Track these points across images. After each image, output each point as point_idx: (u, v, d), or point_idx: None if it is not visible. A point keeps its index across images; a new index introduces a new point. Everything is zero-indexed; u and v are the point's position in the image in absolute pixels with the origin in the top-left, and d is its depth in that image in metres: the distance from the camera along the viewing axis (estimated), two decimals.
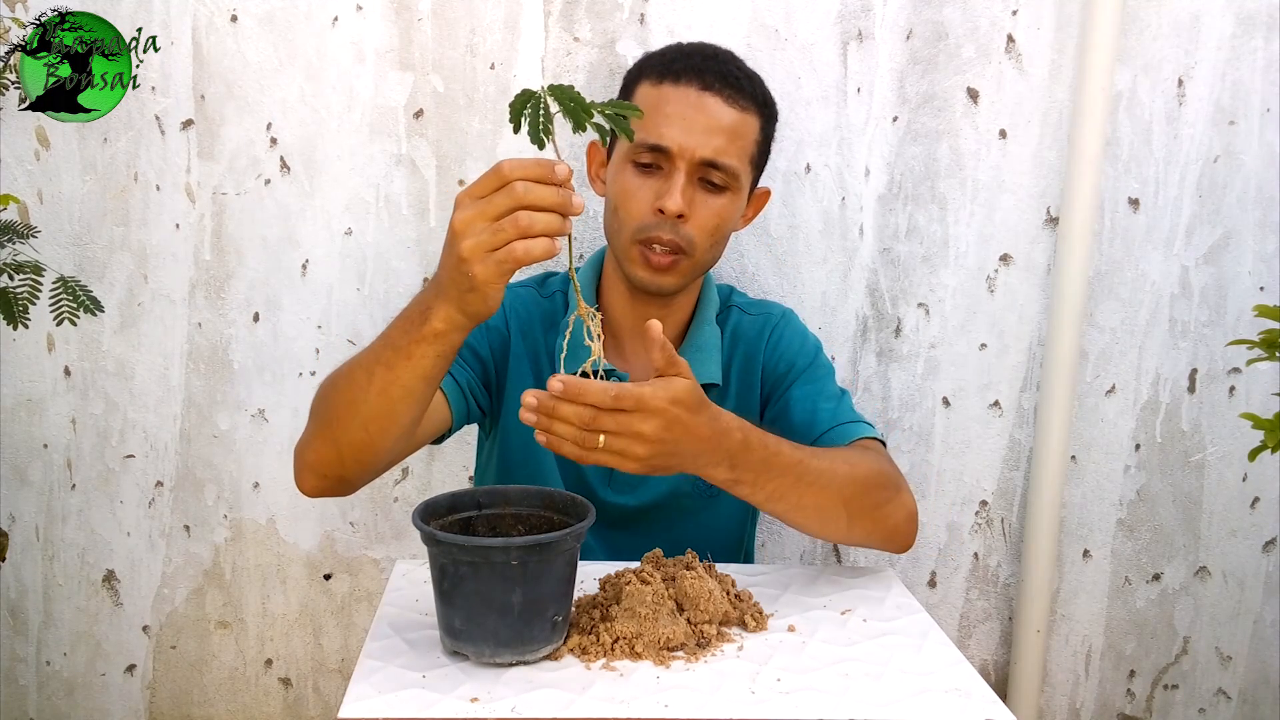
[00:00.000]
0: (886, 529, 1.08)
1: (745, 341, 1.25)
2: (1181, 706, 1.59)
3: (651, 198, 1.11)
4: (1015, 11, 1.40)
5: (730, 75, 1.13)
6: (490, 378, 1.20)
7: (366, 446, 0.97)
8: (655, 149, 1.11)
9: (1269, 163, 1.44)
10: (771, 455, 0.96)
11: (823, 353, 1.26)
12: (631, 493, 1.21)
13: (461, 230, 0.81)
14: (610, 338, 1.23)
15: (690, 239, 1.12)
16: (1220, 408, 1.50)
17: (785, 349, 1.24)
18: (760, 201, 1.25)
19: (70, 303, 1.07)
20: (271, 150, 1.40)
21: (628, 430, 0.85)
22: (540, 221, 0.79)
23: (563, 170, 0.80)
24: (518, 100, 0.80)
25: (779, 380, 1.22)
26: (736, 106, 1.12)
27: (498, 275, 0.82)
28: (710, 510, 1.22)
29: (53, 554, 1.47)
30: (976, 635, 1.56)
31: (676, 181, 1.10)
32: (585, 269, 1.26)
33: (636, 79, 1.17)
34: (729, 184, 1.13)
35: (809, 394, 1.18)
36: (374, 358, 0.93)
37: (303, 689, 1.54)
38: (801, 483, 0.98)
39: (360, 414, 0.95)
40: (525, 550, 0.82)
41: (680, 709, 0.80)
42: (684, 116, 1.10)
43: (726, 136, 1.11)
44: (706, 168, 1.11)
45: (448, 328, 0.88)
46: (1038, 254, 1.46)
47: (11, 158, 1.37)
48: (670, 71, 1.13)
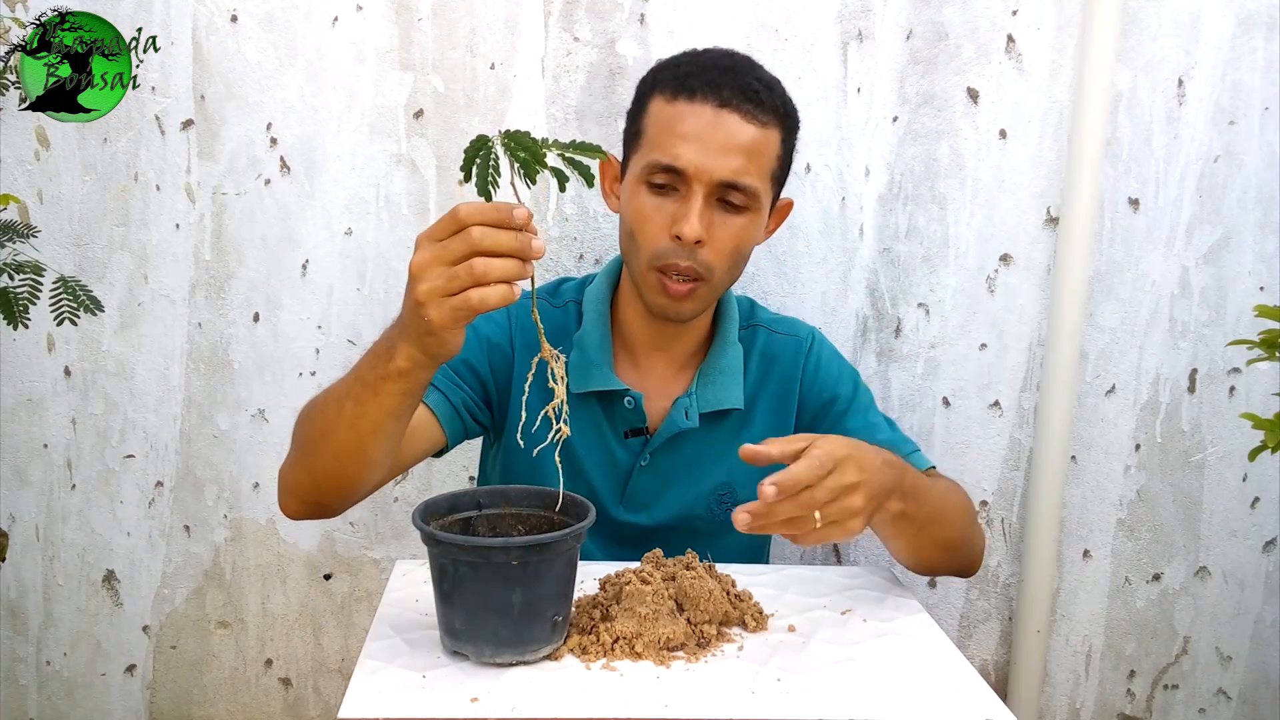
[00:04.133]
0: (973, 557, 1.14)
1: (780, 365, 1.22)
2: (1181, 706, 1.59)
3: (667, 222, 1.07)
4: (1015, 11, 1.40)
5: (749, 89, 1.06)
6: (490, 395, 1.18)
7: (340, 475, 0.97)
8: (670, 170, 1.06)
9: (1269, 163, 1.44)
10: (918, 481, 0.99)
11: (860, 377, 1.25)
12: (644, 512, 1.20)
13: (417, 274, 0.80)
14: (625, 353, 1.21)
15: (708, 265, 1.08)
16: (1220, 408, 1.50)
17: (825, 376, 1.22)
18: (782, 214, 1.20)
19: (70, 303, 1.07)
20: (271, 150, 1.40)
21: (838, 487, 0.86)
22: (496, 268, 0.77)
23: (521, 214, 0.78)
24: (470, 147, 0.78)
25: (822, 410, 1.20)
26: (756, 123, 1.06)
27: (453, 321, 0.80)
28: (722, 535, 1.17)
29: (53, 554, 1.47)
30: (976, 635, 1.56)
31: (693, 206, 1.05)
32: (600, 281, 1.22)
33: (649, 92, 1.11)
34: (749, 204, 1.08)
35: (864, 426, 1.17)
36: (345, 391, 0.93)
37: (303, 689, 1.54)
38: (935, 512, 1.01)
39: (332, 446, 0.95)
40: (525, 550, 0.82)
41: (680, 709, 0.80)
42: (700, 136, 1.05)
43: (746, 156, 1.06)
44: (725, 189, 1.06)
45: (411, 366, 0.87)
46: (1038, 254, 1.46)
47: (11, 158, 1.37)
48: (685, 87, 1.07)
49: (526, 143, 0.77)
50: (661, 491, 1.19)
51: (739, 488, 1.19)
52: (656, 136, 1.08)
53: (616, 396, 1.17)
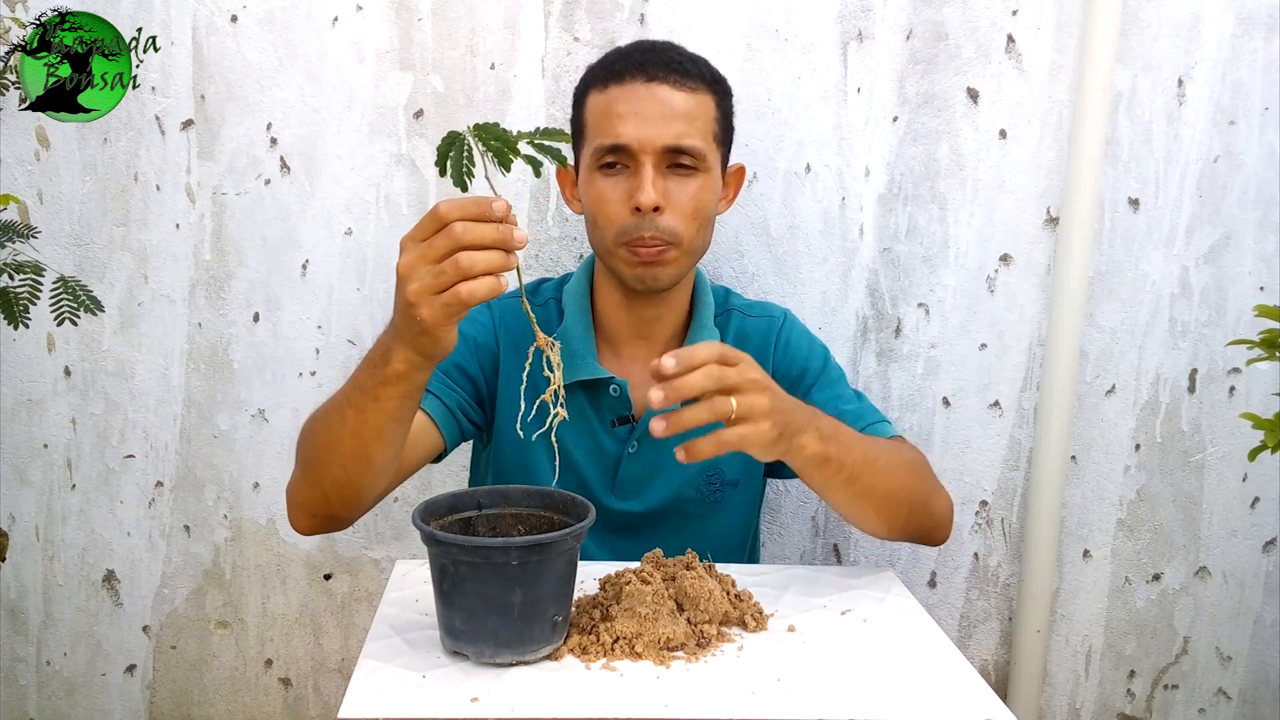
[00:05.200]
0: (934, 521, 1.11)
1: (752, 346, 1.24)
2: (1181, 706, 1.59)
3: (624, 197, 1.11)
4: (1015, 11, 1.40)
5: (673, 61, 1.12)
6: (482, 394, 1.20)
7: (348, 485, 0.98)
8: (615, 149, 1.10)
9: (1269, 163, 1.44)
10: (839, 426, 0.98)
11: (831, 354, 1.27)
12: (637, 499, 1.21)
13: (405, 275, 0.82)
14: (607, 344, 1.23)
15: (673, 230, 1.12)
16: (1220, 408, 1.50)
17: (795, 352, 1.24)
18: (736, 180, 1.25)
19: (70, 303, 1.06)
20: (271, 150, 1.40)
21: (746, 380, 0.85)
22: (481, 261, 0.79)
23: (500, 206, 0.80)
24: (443, 143, 0.80)
25: (792, 384, 1.21)
26: (686, 89, 1.11)
27: (444, 318, 0.82)
28: (714, 515, 1.22)
29: (53, 554, 1.47)
30: (976, 635, 1.56)
31: (645, 175, 1.09)
32: (577, 277, 1.25)
33: (584, 92, 1.16)
34: (698, 165, 1.12)
35: (831, 398, 1.18)
36: (345, 400, 0.94)
37: (303, 689, 1.54)
38: (869, 461, 0.99)
39: (337, 455, 0.96)
40: (525, 550, 0.82)
41: (680, 709, 0.80)
42: (636, 111, 1.09)
43: (684, 120, 1.10)
44: (672, 154, 1.10)
45: (408, 368, 0.88)
46: (1038, 254, 1.46)
47: (11, 158, 1.37)
48: (613, 73, 1.12)
49: (497, 131, 0.79)
50: (652, 478, 1.21)
51: (725, 467, 1.21)
52: (596, 124, 1.13)
53: (602, 385, 1.19)
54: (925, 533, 1.13)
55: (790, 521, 1.52)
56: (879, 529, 1.08)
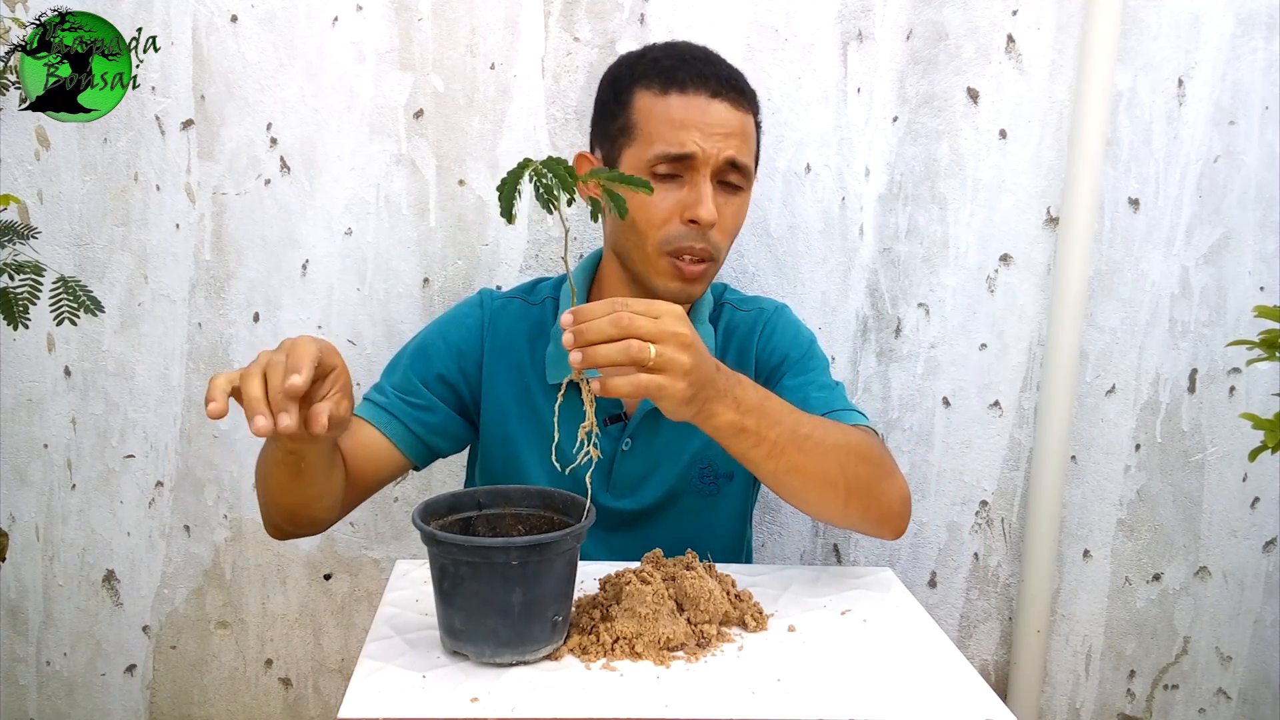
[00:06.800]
0: (882, 508, 1.05)
1: (738, 337, 1.24)
2: (1181, 706, 1.59)
3: (676, 207, 1.11)
4: (1015, 11, 1.40)
5: (730, 78, 1.14)
6: (465, 401, 1.20)
7: (300, 510, 1.04)
8: (680, 159, 1.11)
9: (1269, 163, 1.44)
10: (765, 397, 0.96)
11: (818, 345, 1.25)
12: (632, 495, 1.21)
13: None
14: None
15: (718, 245, 1.14)
16: (1220, 408, 1.50)
17: (778, 342, 1.23)
18: None
19: (70, 303, 1.06)
20: (271, 150, 1.40)
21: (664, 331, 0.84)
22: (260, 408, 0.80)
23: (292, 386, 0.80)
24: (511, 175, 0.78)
25: (771, 372, 1.21)
26: (741, 109, 1.14)
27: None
28: (710, 509, 1.22)
29: (53, 554, 1.47)
30: (976, 635, 1.56)
31: (705, 190, 1.11)
32: (576, 274, 1.24)
33: (629, 87, 1.15)
34: (744, 184, 1.15)
35: (801, 384, 1.17)
36: (268, 453, 1.00)
37: (303, 689, 1.54)
38: (799, 437, 0.96)
39: (276, 498, 1.02)
40: (525, 550, 0.82)
41: (680, 709, 0.80)
42: (702, 124, 1.11)
43: (739, 138, 1.13)
44: (729, 169, 1.12)
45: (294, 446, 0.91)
46: (1038, 254, 1.46)
47: (11, 158, 1.37)
48: (674, 80, 1.12)
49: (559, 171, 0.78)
50: (646, 474, 1.21)
51: (718, 459, 1.21)
52: (656, 129, 1.12)
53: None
54: (873, 521, 1.07)
55: (790, 521, 1.52)
56: (818, 510, 1.05)
